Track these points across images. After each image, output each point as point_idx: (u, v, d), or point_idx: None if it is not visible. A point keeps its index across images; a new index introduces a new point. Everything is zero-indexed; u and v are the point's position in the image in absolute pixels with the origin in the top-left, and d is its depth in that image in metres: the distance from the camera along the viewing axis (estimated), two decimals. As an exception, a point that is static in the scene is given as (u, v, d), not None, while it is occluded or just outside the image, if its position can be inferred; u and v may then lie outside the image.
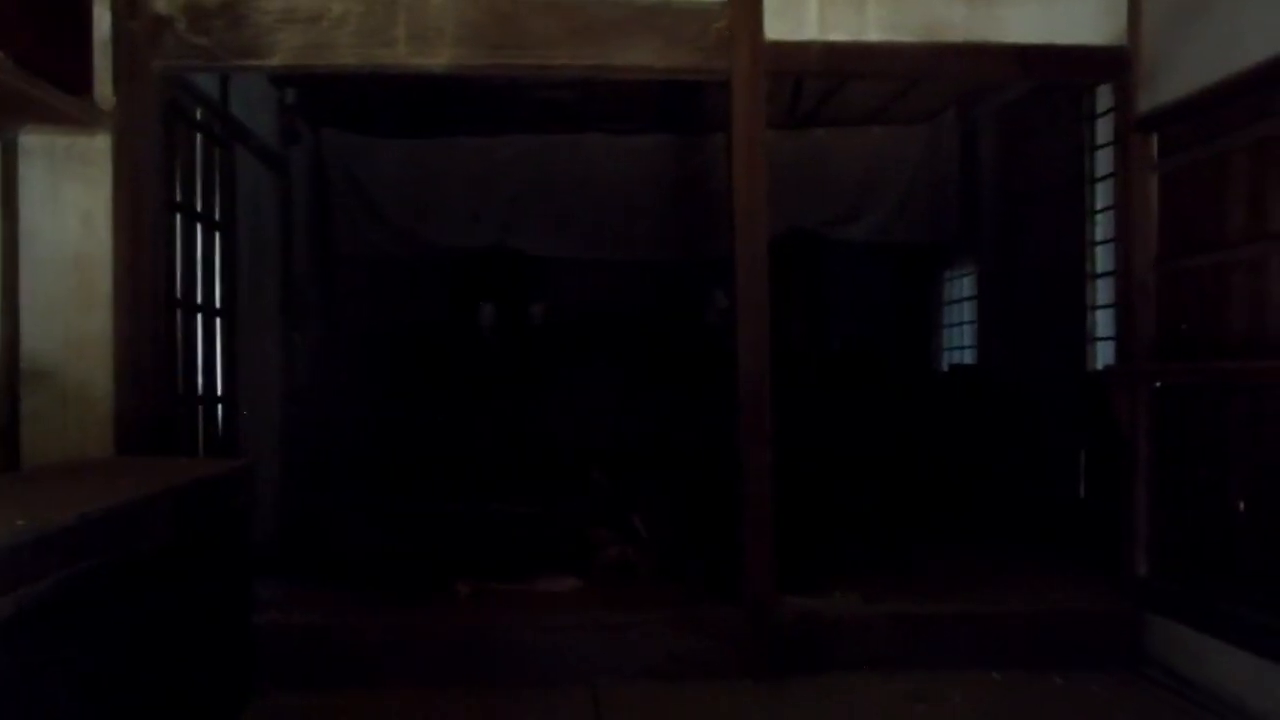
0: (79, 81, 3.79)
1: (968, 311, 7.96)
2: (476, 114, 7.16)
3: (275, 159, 6.01)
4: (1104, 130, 5.66)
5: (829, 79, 6.44)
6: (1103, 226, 5.70)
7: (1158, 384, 4.27)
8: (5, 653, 1.91)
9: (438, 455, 7.06)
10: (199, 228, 4.78)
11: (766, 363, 4.27)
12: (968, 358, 7.93)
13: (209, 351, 4.91)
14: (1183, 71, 4.07)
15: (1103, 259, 5.70)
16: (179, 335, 4.49)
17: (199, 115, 4.80)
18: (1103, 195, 5.70)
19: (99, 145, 3.92)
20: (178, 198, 4.49)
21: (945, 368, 8.35)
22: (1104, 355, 5.67)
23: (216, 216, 5.01)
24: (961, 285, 8.16)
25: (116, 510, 2.47)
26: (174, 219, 4.43)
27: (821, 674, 4.15)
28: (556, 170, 7.53)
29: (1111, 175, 5.02)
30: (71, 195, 3.91)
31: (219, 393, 5.03)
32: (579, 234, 7.64)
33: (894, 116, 7.45)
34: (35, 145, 3.88)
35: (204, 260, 4.84)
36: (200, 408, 4.81)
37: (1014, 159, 7.07)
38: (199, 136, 4.81)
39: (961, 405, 7.22)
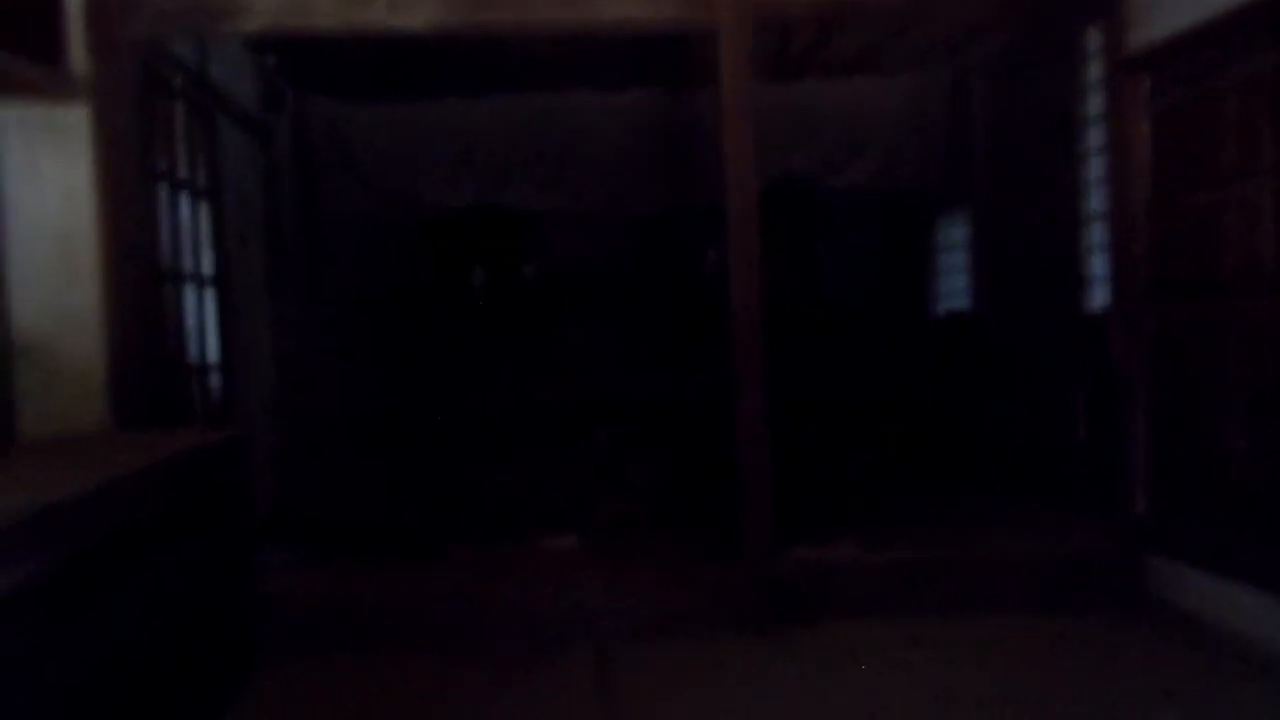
0: (52, 51, 3.72)
1: (961, 257, 7.91)
2: (460, 75, 7.07)
3: (257, 126, 5.93)
4: (1097, 72, 5.59)
5: (817, 27, 6.35)
6: (1096, 168, 5.65)
7: (1154, 324, 4.26)
8: (5, 631, 1.91)
9: (435, 418, 7.07)
10: (185, 196, 4.73)
11: (759, 312, 4.26)
12: (962, 304, 7.89)
13: (201, 320, 4.88)
14: (1173, 9, 4.01)
15: (1096, 201, 5.65)
16: (170, 305, 4.46)
17: (178, 83, 4.73)
18: (1096, 137, 5.64)
19: (76, 117, 3.86)
20: (160, 167, 4.43)
21: (940, 314, 8.32)
22: (1099, 297, 5.65)
23: (201, 184, 4.95)
24: (955, 231, 8.10)
25: (114, 485, 2.47)
26: (158, 188, 4.38)
27: (821, 623, 4.20)
28: (543, 128, 7.45)
29: (1105, 116, 4.97)
30: (51, 168, 3.85)
31: (214, 361, 5.01)
32: (568, 190, 7.57)
33: (884, 62, 7.36)
34: (10, 119, 3.81)
35: (192, 229, 4.80)
36: (195, 377, 4.79)
37: (1006, 103, 6.99)
38: (179, 104, 4.74)
39: (957, 351, 7.21)
